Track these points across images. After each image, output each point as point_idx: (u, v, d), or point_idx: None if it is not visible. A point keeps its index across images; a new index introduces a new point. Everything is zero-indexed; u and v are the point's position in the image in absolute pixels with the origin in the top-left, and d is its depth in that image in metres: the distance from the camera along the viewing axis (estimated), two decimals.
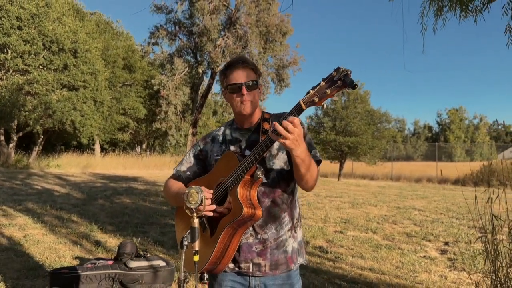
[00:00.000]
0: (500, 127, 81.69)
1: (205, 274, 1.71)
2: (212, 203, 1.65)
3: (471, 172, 21.52)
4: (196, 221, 1.51)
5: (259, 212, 1.66)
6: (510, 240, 2.82)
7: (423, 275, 4.83)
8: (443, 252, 6.05)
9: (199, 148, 1.95)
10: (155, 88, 26.32)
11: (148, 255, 4.27)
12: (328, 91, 1.40)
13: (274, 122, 1.47)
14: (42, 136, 22.02)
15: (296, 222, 1.84)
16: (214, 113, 50.73)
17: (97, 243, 5.64)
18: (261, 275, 1.75)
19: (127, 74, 28.73)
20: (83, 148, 28.03)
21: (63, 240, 5.72)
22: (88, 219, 7.24)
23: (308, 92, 1.46)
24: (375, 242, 6.44)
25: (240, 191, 1.63)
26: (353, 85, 1.37)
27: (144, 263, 4.09)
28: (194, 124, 27.31)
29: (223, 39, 24.07)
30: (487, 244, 2.91)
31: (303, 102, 1.45)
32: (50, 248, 5.30)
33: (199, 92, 28.54)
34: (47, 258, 4.86)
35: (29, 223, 6.75)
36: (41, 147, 22.72)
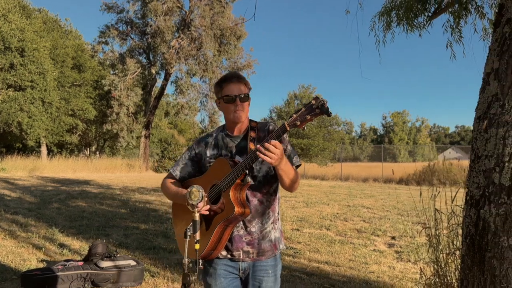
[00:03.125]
0: (440, 129, 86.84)
1: (200, 261, 1.97)
2: (207, 203, 1.93)
3: (414, 172, 22.94)
4: (197, 215, 1.78)
5: (248, 210, 1.98)
6: (449, 231, 3.27)
7: (374, 266, 5.31)
8: (390, 245, 6.60)
9: (194, 151, 2.22)
10: (106, 88, 25.71)
11: (119, 255, 4.42)
12: (308, 117, 1.76)
13: (258, 146, 1.79)
14: None
15: (277, 215, 2.17)
16: (166, 114, 49.95)
17: (61, 246, 5.66)
18: (250, 261, 2.07)
19: (77, 74, 27.82)
20: (27, 150, 26.83)
21: (24, 244, 5.68)
22: (47, 223, 7.16)
23: (291, 116, 1.82)
24: (329, 238, 6.90)
25: (232, 193, 1.92)
26: (328, 114, 1.74)
27: (114, 263, 4.24)
28: (147, 126, 27.00)
29: (177, 40, 24.03)
30: (430, 235, 3.35)
31: (288, 124, 1.80)
32: (13, 252, 5.26)
33: (152, 94, 28.23)
34: (11, 262, 4.84)
35: None
36: None
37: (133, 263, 4.32)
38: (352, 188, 17.99)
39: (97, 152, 32.34)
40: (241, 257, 2.06)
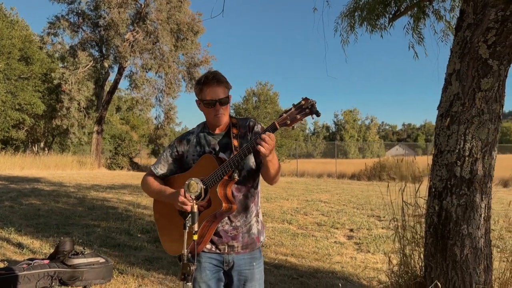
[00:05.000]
0: (388, 127, 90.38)
1: (188, 252, 2.00)
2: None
3: (366, 168, 23.82)
4: (196, 207, 1.81)
5: (235, 206, 2.03)
6: (415, 223, 3.48)
7: (336, 257, 5.53)
8: (349, 237, 6.89)
9: (175, 148, 2.22)
10: (56, 82, 24.51)
11: (86, 252, 4.32)
12: (298, 116, 1.81)
13: (258, 139, 1.84)
14: None
15: (259, 209, 2.24)
16: (118, 109, 48.48)
17: (20, 246, 5.43)
18: (234, 254, 2.12)
19: (24, 66, 26.32)
20: None
21: None
22: (1, 222, 6.82)
23: (281, 115, 1.87)
24: (292, 232, 7.08)
25: (219, 189, 1.96)
26: (318, 114, 1.80)
27: (83, 260, 4.15)
28: (100, 122, 26.14)
29: (132, 33, 23.42)
30: (397, 226, 3.55)
31: (278, 123, 1.86)
32: None
33: (105, 88, 27.33)
34: None
35: None
36: None
37: (101, 260, 4.24)
38: (308, 183, 18.43)
39: (46, 149, 30.84)
40: (226, 251, 2.11)
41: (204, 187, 1.92)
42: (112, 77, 27.26)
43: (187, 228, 1.76)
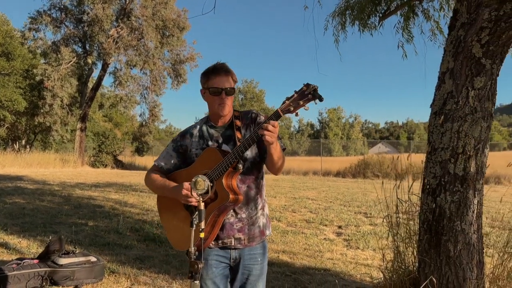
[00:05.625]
0: (371, 125, 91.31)
1: (194, 249, 1.99)
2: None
3: (350, 165, 24.05)
4: (202, 204, 1.79)
5: (241, 197, 2.02)
6: (408, 219, 3.53)
7: (327, 254, 5.57)
8: (338, 234, 6.94)
9: (179, 142, 2.21)
10: (38, 78, 23.97)
11: (77, 251, 4.26)
12: (301, 102, 1.79)
13: (262, 128, 1.82)
14: None
15: (264, 202, 2.23)
16: (101, 106, 47.81)
17: (6, 245, 5.31)
18: (241, 247, 2.12)
19: (5, 62, 25.68)
20: None
21: None
22: None
23: (284, 102, 1.85)
24: (281, 229, 7.10)
25: (225, 181, 1.95)
26: (321, 99, 1.78)
27: (74, 260, 4.09)
28: (83, 119, 25.75)
29: (116, 30, 23.10)
30: (391, 223, 3.59)
31: (281, 110, 1.84)
32: None
33: (88, 84, 26.90)
34: None
35: None
36: None
37: (93, 259, 4.19)
38: (295, 181, 18.50)
39: (28, 146, 30.22)
40: (233, 244, 2.09)
41: (211, 184, 1.90)
42: (95, 73, 26.87)
43: (194, 225, 1.74)
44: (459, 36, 3.09)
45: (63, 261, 4.02)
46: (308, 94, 1.77)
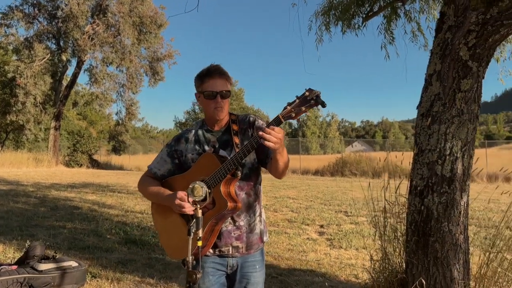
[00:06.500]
0: (347, 124, 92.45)
1: (191, 258, 1.93)
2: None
3: (329, 164, 24.27)
4: (200, 211, 1.73)
5: (239, 205, 1.96)
6: (397, 221, 3.55)
7: (311, 254, 5.58)
8: (321, 233, 6.97)
9: (173, 148, 2.13)
10: (10, 75, 23.20)
11: (58, 256, 4.12)
12: (303, 108, 1.72)
13: (261, 133, 1.74)
14: None
15: (262, 208, 2.18)
16: (75, 104, 46.74)
17: None
18: (239, 255, 2.06)
19: None
20: None
21: None
22: None
23: (285, 108, 1.77)
24: None
25: (223, 188, 1.89)
26: (323, 105, 1.71)
27: (54, 265, 3.95)
28: (57, 117, 25.13)
29: (91, 26, 22.59)
30: (379, 224, 3.60)
31: (282, 116, 1.76)
32: None
33: (63, 82, 26.23)
34: None
35: None
36: None
37: (74, 264, 4.06)
38: (274, 180, 18.42)
39: None
40: (231, 252, 2.04)
41: (210, 191, 1.84)
42: (70, 71, 26.23)
43: (192, 234, 1.68)
44: (446, 38, 3.12)
45: (43, 266, 3.89)
46: (311, 100, 1.70)
